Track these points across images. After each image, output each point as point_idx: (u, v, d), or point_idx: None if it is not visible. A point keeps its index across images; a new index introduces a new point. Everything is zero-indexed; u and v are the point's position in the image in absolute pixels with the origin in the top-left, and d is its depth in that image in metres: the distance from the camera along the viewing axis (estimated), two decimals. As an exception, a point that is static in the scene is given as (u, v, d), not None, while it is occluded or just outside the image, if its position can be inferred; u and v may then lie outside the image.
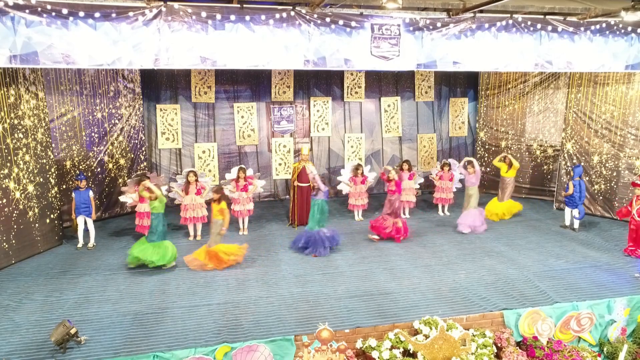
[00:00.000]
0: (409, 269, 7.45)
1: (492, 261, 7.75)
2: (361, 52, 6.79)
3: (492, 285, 6.83)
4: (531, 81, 11.99)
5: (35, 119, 8.25)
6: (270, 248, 8.52)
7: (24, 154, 7.97)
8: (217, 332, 5.51)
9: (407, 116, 13.03)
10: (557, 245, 8.51)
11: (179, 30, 6.19)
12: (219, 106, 11.84)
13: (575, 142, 10.77)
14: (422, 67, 7.09)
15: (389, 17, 6.80)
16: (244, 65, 6.46)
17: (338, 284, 6.89)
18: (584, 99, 10.53)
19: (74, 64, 6.04)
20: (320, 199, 8.14)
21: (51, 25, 5.81)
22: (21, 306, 6.25)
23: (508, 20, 7.16)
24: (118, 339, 5.39)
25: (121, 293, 6.65)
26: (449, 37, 7.01)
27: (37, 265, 7.76)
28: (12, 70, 7.69)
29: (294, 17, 6.49)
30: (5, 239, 7.62)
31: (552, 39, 7.32)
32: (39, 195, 8.30)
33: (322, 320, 5.77)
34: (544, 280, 6.93)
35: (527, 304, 6.21)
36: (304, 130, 12.40)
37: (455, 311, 6.06)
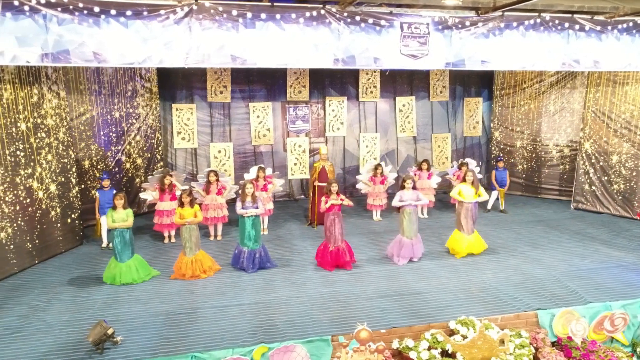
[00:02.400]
0: (435, 269, 7.42)
1: (517, 261, 7.72)
2: (390, 50, 6.76)
3: (521, 285, 6.79)
4: (547, 81, 11.97)
5: (57, 118, 8.20)
6: (291, 248, 8.48)
7: (46, 153, 7.93)
8: (253, 333, 5.47)
9: (421, 116, 13.01)
10: (580, 245, 8.49)
11: (209, 29, 6.15)
12: (234, 106, 11.81)
13: (594, 142, 10.75)
14: (451, 65, 7.06)
15: (418, 16, 6.77)
16: (273, 64, 6.43)
17: (366, 284, 6.85)
18: (603, 98, 10.51)
19: (105, 62, 6.00)
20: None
21: (83, 23, 5.77)
22: (50, 306, 6.21)
23: (536, 19, 7.14)
24: (154, 339, 5.34)
25: (149, 293, 6.60)
26: (478, 36, 6.99)
27: (60, 265, 7.72)
28: (35, 69, 7.65)
29: (324, 16, 6.46)
30: (29, 238, 7.57)
31: (580, 38, 7.30)
32: (60, 194, 8.26)
33: (356, 321, 5.74)
34: (572, 280, 6.90)
35: (560, 304, 6.17)
36: (318, 130, 12.37)
37: (489, 311, 6.02)
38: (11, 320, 5.81)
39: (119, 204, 6.91)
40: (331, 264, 7.40)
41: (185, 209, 6.97)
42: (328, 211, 7.34)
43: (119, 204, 6.91)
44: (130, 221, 6.90)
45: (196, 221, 7.02)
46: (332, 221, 7.33)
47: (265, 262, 7.39)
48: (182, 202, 6.98)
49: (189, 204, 6.98)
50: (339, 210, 7.38)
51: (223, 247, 8.52)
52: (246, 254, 7.25)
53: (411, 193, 7.68)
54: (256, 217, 7.22)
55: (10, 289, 6.77)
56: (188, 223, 6.90)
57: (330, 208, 7.31)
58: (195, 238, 7.00)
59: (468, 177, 7.80)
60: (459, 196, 7.78)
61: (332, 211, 7.32)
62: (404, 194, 7.66)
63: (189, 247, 6.98)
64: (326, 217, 7.39)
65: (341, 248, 7.45)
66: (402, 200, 7.60)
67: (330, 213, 7.33)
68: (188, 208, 6.97)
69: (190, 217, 6.94)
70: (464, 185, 7.79)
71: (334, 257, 7.42)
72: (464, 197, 7.75)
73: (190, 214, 6.97)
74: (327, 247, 7.45)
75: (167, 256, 8.08)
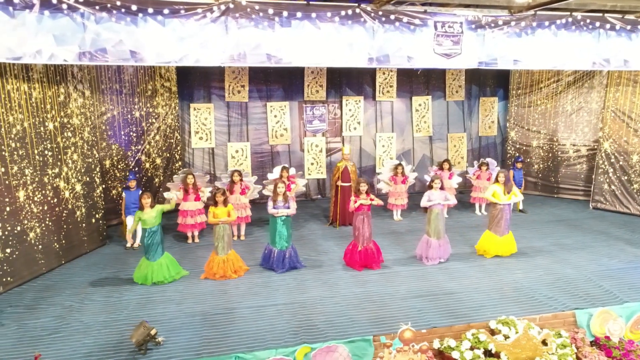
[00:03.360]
0: (464, 269, 7.40)
1: (545, 261, 7.71)
2: (424, 49, 6.75)
3: (554, 284, 6.78)
4: (564, 80, 11.98)
5: (82, 117, 8.16)
6: (316, 248, 8.45)
7: (72, 152, 7.89)
8: (294, 333, 5.45)
9: (437, 115, 13.00)
10: (605, 245, 8.48)
11: (246, 27, 6.12)
12: (252, 105, 11.78)
13: (614, 141, 10.76)
14: (484, 65, 7.05)
15: (452, 15, 6.76)
16: (309, 63, 6.41)
17: (397, 284, 6.83)
18: (623, 97, 10.52)
19: (142, 61, 5.96)
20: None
21: (120, 21, 5.73)
22: (84, 307, 6.17)
23: (568, 19, 7.14)
24: (194, 340, 5.31)
25: (182, 293, 6.57)
26: (510, 35, 6.98)
27: (87, 266, 7.67)
28: (62, 68, 7.61)
29: (359, 14, 6.44)
30: (56, 239, 7.53)
31: (610, 37, 7.30)
32: (85, 194, 8.22)
33: (394, 321, 5.75)
34: (604, 280, 6.90)
35: (597, 304, 6.17)
36: (335, 130, 12.35)
37: (525, 311, 6.01)
38: (48, 321, 5.77)
39: (147, 204, 6.87)
40: (360, 264, 7.38)
41: (218, 208, 6.93)
42: (357, 211, 7.32)
43: (147, 204, 6.87)
44: (233, 215, 7.02)
45: (229, 220, 6.99)
46: (361, 221, 7.31)
47: (295, 262, 7.36)
48: (216, 201, 6.95)
49: (222, 203, 6.95)
50: (369, 210, 7.35)
51: (247, 247, 8.49)
52: (276, 254, 7.22)
53: (439, 193, 7.65)
54: (287, 217, 7.19)
55: (40, 289, 6.73)
56: (222, 222, 6.87)
57: (360, 208, 7.28)
58: (227, 237, 6.98)
59: (500, 178, 7.76)
60: (494, 197, 7.75)
61: (362, 211, 7.30)
62: (432, 194, 7.64)
63: (221, 246, 6.95)
64: (355, 217, 7.36)
65: (370, 248, 7.43)
66: (430, 200, 7.58)
67: (359, 213, 7.31)
68: (221, 207, 6.94)
69: (223, 216, 6.91)
70: (498, 187, 7.76)
71: (363, 257, 7.40)
72: (498, 199, 7.71)
73: (224, 213, 6.93)
74: (355, 247, 7.43)
75: (194, 256, 8.06)
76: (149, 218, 6.81)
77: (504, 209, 7.83)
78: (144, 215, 6.82)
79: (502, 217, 7.83)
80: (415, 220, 10.30)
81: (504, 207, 7.82)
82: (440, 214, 7.61)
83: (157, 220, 6.89)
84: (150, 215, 6.83)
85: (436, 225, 7.57)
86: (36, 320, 5.79)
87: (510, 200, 7.82)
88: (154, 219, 6.85)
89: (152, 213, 6.85)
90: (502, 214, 7.83)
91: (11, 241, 6.65)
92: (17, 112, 6.74)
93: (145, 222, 6.82)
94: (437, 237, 7.60)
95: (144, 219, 6.82)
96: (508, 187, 7.86)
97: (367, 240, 7.38)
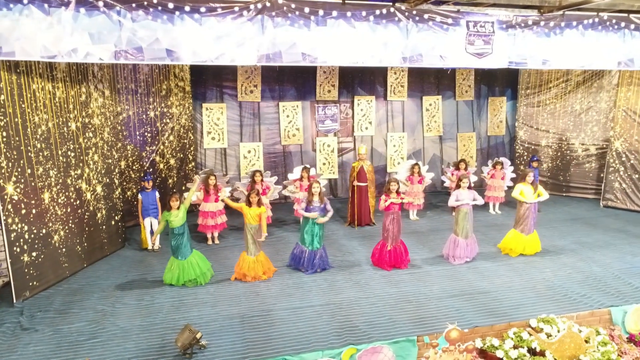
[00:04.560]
0: (493, 268, 7.43)
1: (571, 259, 7.77)
2: (456, 49, 6.76)
3: (585, 282, 6.84)
4: (574, 80, 12.10)
5: (102, 117, 8.01)
6: (340, 248, 8.40)
7: (93, 153, 7.74)
8: (337, 335, 5.40)
9: (447, 115, 13.04)
10: (625, 243, 8.58)
11: (282, 26, 6.05)
12: (264, 105, 11.69)
13: (625, 140, 10.90)
14: (514, 65, 7.09)
15: (484, 15, 6.77)
16: (344, 62, 6.37)
17: (430, 284, 6.82)
18: (635, 97, 10.66)
19: (178, 60, 5.86)
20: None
21: (157, 19, 5.62)
22: (117, 310, 6.05)
23: (594, 19, 7.21)
24: (238, 343, 5.24)
25: (214, 295, 6.48)
26: (539, 35, 7.02)
27: (110, 269, 7.53)
28: (83, 68, 7.46)
29: (393, 14, 6.41)
30: (78, 241, 7.38)
31: (635, 37, 7.39)
32: (105, 196, 8.07)
33: (434, 321, 5.75)
34: (633, 277, 6.98)
35: (630, 301, 6.23)
36: (347, 130, 12.32)
37: (561, 309, 6.05)
38: (83, 326, 5.64)
39: (175, 206, 6.77)
40: (389, 263, 7.36)
41: (252, 208, 6.86)
42: (387, 210, 7.29)
43: (175, 206, 6.77)
44: (264, 219, 6.89)
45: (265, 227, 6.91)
46: (391, 220, 7.28)
47: (326, 263, 7.32)
48: (250, 201, 6.88)
49: (256, 204, 6.88)
50: (399, 210, 7.34)
51: (268, 247, 8.39)
52: (307, 255, 7.16)
53: (467, 192, 7.66)
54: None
55: (68, 293, 6.58)
56: (261, 230, 6.81)
57: (390, 207, 7.25)
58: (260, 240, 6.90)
59: (528, 177, 7.81)
60: (521, 196, 7.79)
61: (392, 210, 7.27)
62: (460, 193, 7.65)
63: (252, 248, 6.88)
64: (386, 216, 7.33)
65: (398, 247, 7.42)
66: (459, 199, 7.59)
67: (389, 212, 7.28)
68: (255, 208, 6.87)
69: (255, 216, 6.85)
70: (525, 186, 7.80)
71: (392, 257, 7.38)
72: (525, 197, 7.76)
73: (256, 214, 6.87)
74: (384, 247, 7.41)
75: (217, 257, 7.94)
76: (176, 218, 6.72)
77: (531, 208, 7.87)
78: (171, 217, 6.71)
79: (528, 215, 7.87)
80: (432, 220, 10.33)
81: (531, 206, 7.87)
82: (469, 213, 7.62)
83: (184, 219, 6.81)
84: (178, 215, 6.74)
85: (464, 224, 7.57)
86: (70, 325, 5.66)
87: (537, 199, 7.87)
88: (181, 219, 6.76)
89: (179, 213, 6.76)
90: (528, 212, 7.88)
91: (37, 244, 6.50)
92: (42, 112, 6.58)
93: (172, 223, 6.72)
94: (465, 237, 7.61)
95: (171, 219, 6.71)
96: (535, 186, 7.91)
97: (396, 239, 7.36)
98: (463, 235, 7.62)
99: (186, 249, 6.80)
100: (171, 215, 6.70)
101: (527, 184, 7.83)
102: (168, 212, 6.75)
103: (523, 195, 7.77)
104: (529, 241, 7.92)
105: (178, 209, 6.76)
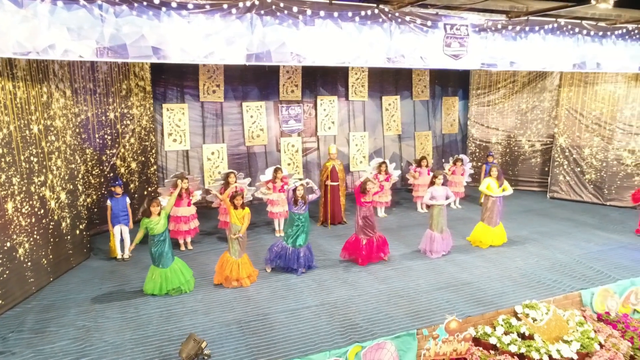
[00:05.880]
0: (469, 260, 7.79)
1: (536, 248, 8.33)
2: (434, 50, 7.01)
3: (553, 268, 7.37)
4: (520, 81, 12.96)
5: (64, 119, 7.45)
6: (319, 248, 8.38)
7: (56, 158, 7.18)
8: (341, 334, 5.42)
9: (405, 115, 13.46)
10: (577, 230, 9.34)
11: (271, 25, 5.93)
12: (227, 105, 11.42)
13: (568, 137, 11.86)
14: (486, 66, 7.48)
15: (459, 18, 7.08)
16: (331, 62, 6.37)
17: (416, 278, 7.03)
18: (575, 97, 11.64)
19: (165, 58, 5.55)
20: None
21: (142, 15, 5.29)
22: (101, 325, 5.65)
23: (554, 24, 7.79)
24: (242, 350, 5.10)
25: (204, 303, 6.26)
26: (507, 38, 7.47)
27: (80, 281, 7.02)
28: (44, 66, 6.90)
29: (378, 15, 6.51)
30: (44, 254, 6.81)
31: (586, 42, 8.07)
32: (70, 204, 7.52)
33: (429, 313, 5.94)
34: (592, 262, 7.61)
35: (595, 284, 6.80)
36: (311, 130, 12.34)
37: (540, 294, 6.48)
38: (67, 345, 5.22)
39: (156, 211, 6.47)
40: (364, 257, 7.52)
41: (238, 210, 6.69)
42: (361, 205, 7.50)
43: (156, 211, 6.47)
44: (246, 220, 6.77)
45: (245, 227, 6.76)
46: (364, 215, 7.51)
47: (311, 261, 7.32)
48: (235, 204, 6.70)
49: (240, 207, 6.71)
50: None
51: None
52: (290, 252, 7.12)
53: (441, 189, 7.98)
54: (307, 215, 7.16)
55: (40, 311, 6.05)
56: (239, 235, 6.65)
57: (365, 203, 7.47)
58: (243, 240, 6.76)
59: (494, 172, 8.26)
60: (488, 190, 8.23)
61: (366, 206, 7.57)
62: (435, 190, 7.94)
63: (236, 249, 6.72)
64: (359, 211, 7.57)
65: (373, 241, 7.59)
66: (434, 197, 7.88)
67: (363, 207, 7.57)
68: (240, 210, 6.71)
69: (241, 218, 6.69)
70: (491, 180, 8.26)
71: (368, 250, 7.54)
72: (492, 191, 8.21)
73: (241, 216, 6.71)
74: (359, 241, 7.56)
75: (194, 264, 7.58)
76: (157, 225, 6.41)
77: (496, 201, 8.35)
78: (152, 223, 6.40)
79: (494, 208, 8.34)
80: (400, 216, 10.62)
81: (496, 200, 8.35)
82: (443, 208, 7.94)
83: (165, 226, 6.52)
84: (159, 222, 6.43)
85: (439, 219, 7.88)
86: (52, 345, 5.22)
87: (502, 193, 8.36)
88: (162, 226, 6.46)
89: (160, 220, 6.45)
90: (494, 205, 8.35)
91: (1, 259, 5.92)
92: (3, 114, 6.00)
93: (153, 230, 6.41)
94: (440, 231, 7.91)
95: (152, 226, 6.40)
96: (501, 180, 8.40)
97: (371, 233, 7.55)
98: (438, 230, 7.92)
99: (168, 256, 6.51)
100: (152, 221, 6.38)
101: (493, 179, 8.30)
102: (148, 218, 6.42)
103: (490, 189, 8.23)
104: (496, 233, 8.40)
105: (159, 214, 6.45)
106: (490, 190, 8.30)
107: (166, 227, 6.51)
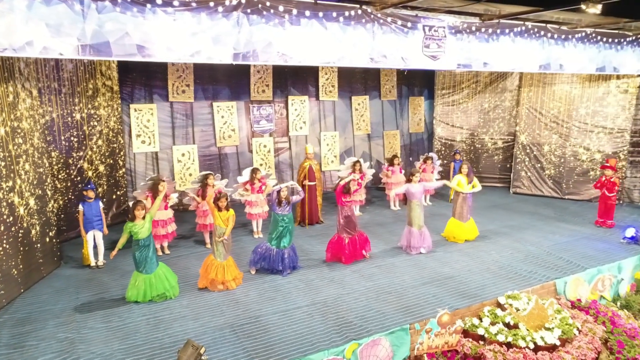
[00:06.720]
0: (448, 255, 8.03)
1: (507, 241, 8.71)
2: (414, 51, 7.16)
3: (527, 260, 7.73)
4: (482, 82, 13.49)
5: (31, 120, 7.03)
6: (300, 248, 8.32)
7: (24, 162, 6.76)
8: (337, 332, 5.45)
9: (374, 114, 13.67)
10: (542, 223, 9.83)
11: (257, 24, 5.84)
12: (197, 105, 11.16)
13: (528, 134, 12.46)
14: (461, 67, 7.72)
15: (437, 20, 7.27)
16: (317, 62, 6.37)
17: (400, 274, 7.17)
18: (535, 96, 12.25)
19: (150, 57, 5.34)
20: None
21: (126, 12, 5.07)
22: (86, 337, 5.39)
23: (522, 27, 8.16)
24: (240, 354, 5.02)
25: (191, 308, 6.10)
26: (481, 40, 7.75)
27: (54, 292, 6.66)
28: (9, 64, 6.48)
29: (361, 16, 6.57)
30: (13, 264, 6.40)
31: (551, 44, 8.52)
32: (39, 210, 7.11)
33: (418, 308, 6.09)
34: (561, 252, 8.05)
35: (567, 273, 7.20)
36: (282, 130, 12.29)
37: (518, 285, 6.79)
38: (51, 358, 4.95)
39: (140, 215, 6.24)
40: (348, 256, 7.59)
41: (222, 212, 6.57)
42: (342, 205, 7.57)
43: (140, 215, 6.24)
44: (231, 222, 6.66)
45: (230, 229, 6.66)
46: (346, 215, 7.58)
47: (295, 262, 7.30)
48: (219, 206, 6.57)
49: (225, 209, 6.59)
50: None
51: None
52: (274, 253, 7.07)
53: (418, 185, 8.18)
54: (291, 216, 7.12)
55: (14, 325, 5.69)
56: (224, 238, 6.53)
57: (345, 202, 7.57)
58: (227, 242, 6.64)
59: (464, 169, 8.56)
60: (458, 187, 8.51)
61: (347, 205, 7.67)
62: (412, 186, 8.13)
63: (221, 252, 6.60)
64: (341, 210, 7.64)
65: (355, 239, 7.68)
66: (411, 193, 8.07)
67: (344, 207, 7.64)
68: (224, 212, 6.58)
69: (226, 220, 6.57)
70: (462, 177, 8.55)
71: (351, 249, 7.61)
72: (462, 188, 8.50)
73: (225, 218, 6.59)
74: (342, 240, 7.62)
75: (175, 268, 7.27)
76: (142, 229, 6.19)
77: (467, 198, 8.66)
78: (136, 227, 6.17)
79: (464, 204, 8.65)
80: (374, 214, 10.79)
81: (467, 196, 8.66)
82: (420, 205, 8.14)
83: (149, 230, 6.31)
84: (143, 226, 6.21)
85: (417, 215, 8.07)
86: (35, 360, 4.93)
87: (472, 190, 8.68)
88: (147, 230, 6.25)
89: (145, 224, 6.23)
90: (465, 202, 8.66)
91: (-30, 271, 5.52)
92: (-31, 115, 5.60)
93: (137, 234, 6.18)
94: (419, 227, 8.11)
95: (136, 231, 6.17)
96: (470, 177, 8.72)
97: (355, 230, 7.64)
98: (417, 226, 8.11)
99: (152, 262, 6.30)
100: (136, 225, 6.15)
101: (463, 176, 8.61)
102: (132, 222, 6.18)
103: (460, 185, 8.53)
104: (468, 228, 8.71)
105: (143, 218, 6.23)
106: (461, 187, 8.60)
107: (150, 231, 6.30)
